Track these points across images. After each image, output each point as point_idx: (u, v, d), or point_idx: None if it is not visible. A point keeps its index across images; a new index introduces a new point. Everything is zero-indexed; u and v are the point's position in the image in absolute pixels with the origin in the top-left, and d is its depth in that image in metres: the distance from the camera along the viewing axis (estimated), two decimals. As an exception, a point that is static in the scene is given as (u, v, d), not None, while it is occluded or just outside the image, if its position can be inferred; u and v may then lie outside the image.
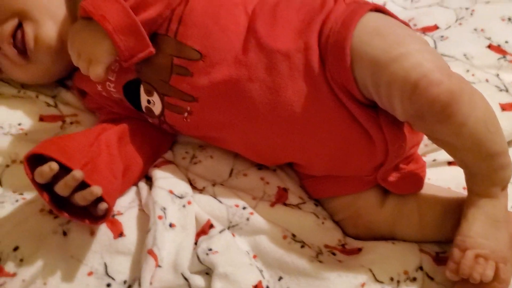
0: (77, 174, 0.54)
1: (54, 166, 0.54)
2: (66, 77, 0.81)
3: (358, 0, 0.65)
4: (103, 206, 0.56)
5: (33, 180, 0.56)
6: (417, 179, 0.68)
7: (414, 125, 0.59)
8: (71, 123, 0.77)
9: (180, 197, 0.66)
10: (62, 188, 0.55)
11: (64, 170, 0.55)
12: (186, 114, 0.66)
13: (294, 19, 0.63)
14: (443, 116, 0.54)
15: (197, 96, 0.64)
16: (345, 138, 0.62)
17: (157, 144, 0.73)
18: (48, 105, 0.78)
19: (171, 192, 0.66)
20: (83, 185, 0.56)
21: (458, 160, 0.61)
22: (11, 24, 0.70)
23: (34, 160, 0.56)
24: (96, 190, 0.55)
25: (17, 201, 0.64)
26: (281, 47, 0.61)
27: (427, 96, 0.54)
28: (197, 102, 0.64)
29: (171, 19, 0.63)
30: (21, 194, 0.65)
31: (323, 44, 0.60)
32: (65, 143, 0.59)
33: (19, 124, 0.74)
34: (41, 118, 0.76)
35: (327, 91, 0.60)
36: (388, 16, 0.63)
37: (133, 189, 0.69)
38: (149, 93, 0.67)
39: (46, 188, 0.57)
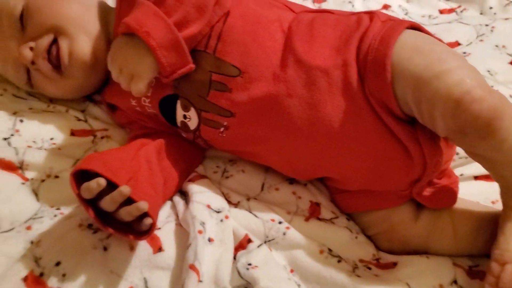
0: (125, 190, 0.54)
1: (102, 182, 0.54)
2: (94, 92, 0.82)
3: (393, 18, 0.67)
4: (148, 221, 0.56)
5: (78, 196, 0.56)
6: (451, 194, 0.68)
7: (455, 140, 0.60)
8: (102, 137, 0.77)
9: (218, 212, 0.66)
10: (108, 203, 0.55)
11: (109, 185, 0.56)
12: (222, 129, 0.67)
13: (330, 36, 0.64)
14: (485, 132, 0.55)
15: (234, 111, 0.64)
16: (384, 153, 0.63)
17: (190, 158, 0.74)
18: (78, 119, 0.79)
19: (208, 206, 0.66)
20: (127, 200, 0.56)
21: (495, 174, 0.61)
22: (46, 40, 0.71)
23: (77, 176, 0.56)
24: (143, 205, 0.55)
25: (55, 216, 0.64)
26: (320, 63, 0.62)
27: (470, 113, 0.55)
28: (234, 117, 0.65)
29: (210, 35, 0.64)
30: (58, 209, 0.65)
31: (362, 61, 0.61)
32: (108, 159, 0.59)
33: (51, 139, 0.74)
34: (73, 133, 0.76)
35: (366, 107, 0.61)
36: (425, 34, 0.64)
37: (169, 204, 0.69)
38: (186, 108, 0.67)
39: (90, 203, 0.57)
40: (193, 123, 0.68)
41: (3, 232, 0.61)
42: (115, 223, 0.58)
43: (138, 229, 0.58)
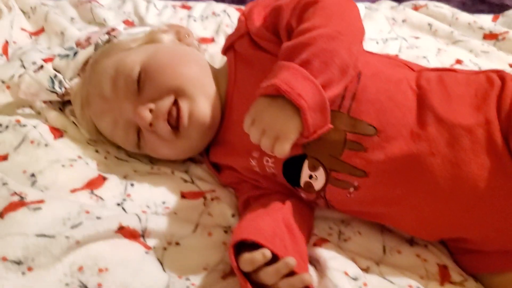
0: (291, 261, 0.52)
1: (268, 254, 0.51)
2: (198, 152, 0.80)
3: None
4: None
5: (237, 269, 0.52)
6: None
7: None
8: (212, 199, 0.74)
9: (355, 279, 0.62)
10: (271, 275, 0.52)
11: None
12: (351, 190, 0.64)
13: (466, 95, 0.64)
14: None
15: (369, 171, 0.62)
16: (532, 211, 0.61)
17: (309, 219, 0.71)
18: (185, 181, 0.76)
19: (346, 273, 0.62)
20: None
21: None
22: (168, 101, 0.69)
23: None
24: (307, 277, 0.52)
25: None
26: (462, 121, 0.61)
27: None
28: (367, 177, 0.63)
29: (344, 96, 0.63)
30: (188, 279, 0.61)
31: (505, 119, 0.60)
32: (261, 226, 0.56)
33: (163, 203, 0.71)
34: (183, 195, 0.73)
35: None
36: None
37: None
38: (313, 168, 0.65)
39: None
40: (319, 184, 0.66)
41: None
42: None
43: None
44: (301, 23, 0.63)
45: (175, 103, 0.70)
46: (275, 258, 0.54)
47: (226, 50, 0.76)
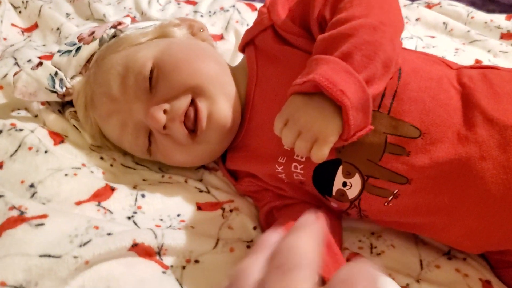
0: None
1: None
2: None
3: None
4: None
5: None
6: None
7: None
8: (231, 210, 0.67)
9: (398, 299, 0.56)
10: None
11: None
12: (390, 198, 0.58)
13: None
14: None
15: (411, 177, 0.56)
16: None
17: (339, 232, 0.65)
18: (200, 191, 0.69)
19: (387, 293, 0.56)
20: None
21: None
22: (185, 101, 0.62)
23: None
24: None
25: (212, 311, 0.53)
26: None
27: None
28: (409, 184, 0.57)
29: (384, 94, 0.57)
30: (212, 302, 0.54)
31: None
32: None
33: (178, 215, 0.64)
34: (199, 207, 0.66)
35: None
36: None
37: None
38: (348, 175, 0.59)
39: None
40: (353, 192, 0.60)
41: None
42: None
43: None
44: (336, 14, 0.57)
45: (192, 103, 0.63)
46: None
47: (244, 46, 0.69)
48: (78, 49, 0.72)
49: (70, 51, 0.72)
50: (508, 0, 1.35)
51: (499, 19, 1.14)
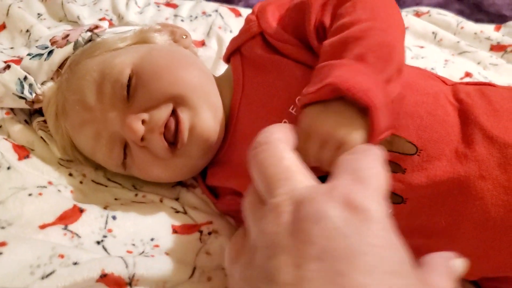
0: None
1: None
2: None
3: None
4: None
5: None
6: None
7: None
8: (209, 233, 0.62)
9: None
10: None
11: None
12: None
13: None
14: None
15: (407, 196, 0.53)
16: None
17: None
18: (176, 211, 0.64)
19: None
20: None
21: None
22: (165, 111, 0.57)
23: None
24: None
25: None
26: None
27: None
28: (405, 203, 0.53)
29: None
30: None
31: None
32: None
33: (152, 239, 0.59)
34: (175, 230, 0.61)
35: None
36: None
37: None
38: None
39: None
40: None
41: None
42: None
43: None
44: (338, 19, 0.53)
45: (173, 113, 0.58)
46: None
47: (229, 56, 0.65)
48: (50, 52, 0.67)
49: (41, 55, 0.67)
50: (497, 10, 1.32)
51: (489, 30, 1.11)
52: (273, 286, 0.28)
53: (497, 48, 1.05)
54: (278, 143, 0.37)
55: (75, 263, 0.51)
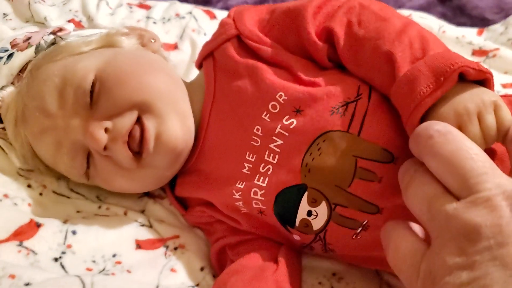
0: None
1: None
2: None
3: None
4: None
5: None
6: None
7: None
8: (175, 248, 0.60)
9: None
10: None
11: None
12: (359, 229, 0.53)
13: None
14: None
15: (382, 206, 0.51)
16: None
17: (299, 273, 0.59)
18: (141, 225, 0.61)
19: None
20: None
21: None
22: (129, 118, 0.54)
23: None
24: None
25: None
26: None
27: None
28: (381, 214, 0.52)
29: (354, 114, 0.51)
30: None
31: None
32: None
33: (114, 256, 0.56)
34: (138, 245, 0.59)
35: None
36: None
37: None
38: (314, 202, 0.53)
39: None
40: (318, 222, 0.54)
41: None
42: None
43: None
44: (352, 26, 0.54)
45: (138, 121, 0.55)
46: None
47: (202, 61, 0.62)
48: (10, 55, 0.63)
49: (1, 58, 0.64)
50: (479, 13, 1.30)
51: (471, 35, 1.09)
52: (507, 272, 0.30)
53: (479, 53, 1.03)
54: (459, 133, 0.38)
55: (27, 284, 0.48)
